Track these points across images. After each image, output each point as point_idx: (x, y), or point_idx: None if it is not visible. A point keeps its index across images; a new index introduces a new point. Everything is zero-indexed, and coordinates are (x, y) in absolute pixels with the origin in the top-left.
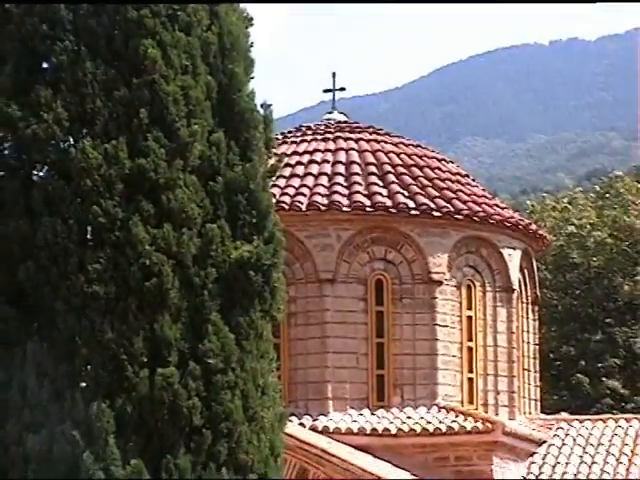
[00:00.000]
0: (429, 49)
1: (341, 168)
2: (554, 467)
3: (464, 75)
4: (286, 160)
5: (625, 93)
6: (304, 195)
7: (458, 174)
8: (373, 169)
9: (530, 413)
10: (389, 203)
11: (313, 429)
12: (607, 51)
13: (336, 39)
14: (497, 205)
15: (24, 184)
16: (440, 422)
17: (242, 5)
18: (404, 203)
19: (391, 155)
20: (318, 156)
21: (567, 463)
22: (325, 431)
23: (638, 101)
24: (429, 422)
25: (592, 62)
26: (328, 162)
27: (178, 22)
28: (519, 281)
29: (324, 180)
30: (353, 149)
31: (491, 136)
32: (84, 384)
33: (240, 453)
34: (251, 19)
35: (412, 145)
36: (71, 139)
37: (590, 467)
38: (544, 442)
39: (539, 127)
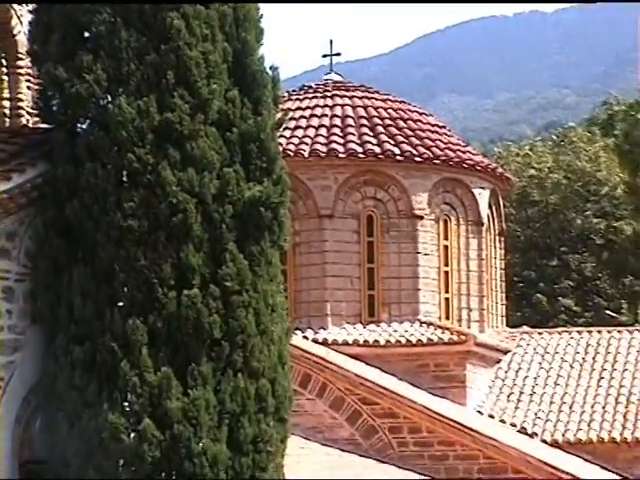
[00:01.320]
0: (412, 21)
1: (337, 121)
2: (517, 372)
3: (442, 42)
4: (291, 114)
5: (577, 56)
6: (306, 144)
7: (436, 125)
8: (364, 122)
9: (497, 327)
10: (378, 150)
11: (314, 341)
12: (562, 21)
13: (334, 13)
14: (469, 152)
15: (69, 135)
16: (421, 335)
17: None
18: (391, 150)
19: (379, 110)
20: (318, 111)
21: (528, 369)
22: (324, 342)
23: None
24: (412, 335)
25: (549, 30)
26: (326, 116)
27: None
28: (488, 216)
29: (323, 131)
30: (348, 105)
31: (464, 93)
32: (121, 303)
33: (253, 361)
34: None
35: (397, 101)
36: (109, 97)
37: (548, 372)
38: (509, 351)
39: (504, 86)
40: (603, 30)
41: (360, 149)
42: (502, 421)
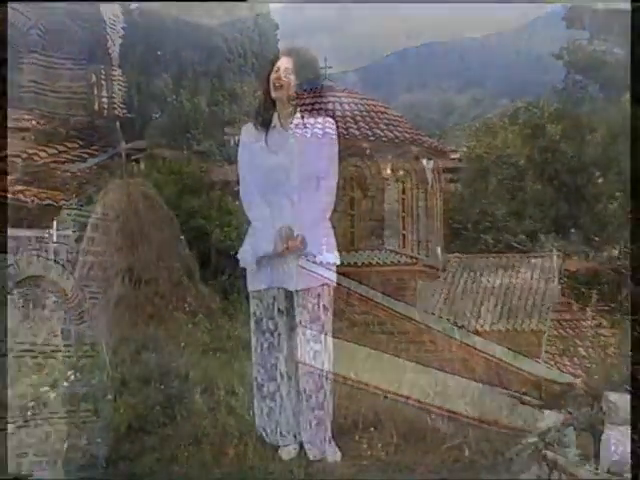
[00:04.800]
0: (379, 44)
1: (329, 114)
2: (451, 284)
3: (400, 60)
4: (298, 108)
5: (492, 69)
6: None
7: (397, 116)
8: (348, 113)
9: (437, 253)
10: (357, 133)
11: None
12: (490, 44)
13: (327, 32)
14: (419, 134)
15: (148, 122)
16: (386, 259)
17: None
18: (366, 133)
19: (358, 105)
20: (316, 106)
21: (459, 282)
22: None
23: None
24: (380, 259)
25: (479, 50)
26: (322, 109)
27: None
28: (431, 179)
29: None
30: (337, 102)
31: (416, 94)
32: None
33: None
34: (277, 24)
35: (370, 99)
36: (174, 96)
37: (473, 283)
38: (445, 270)
39: (444, 88)
40: (512, 52)
41: (345, 132)
42: (440, 317)
